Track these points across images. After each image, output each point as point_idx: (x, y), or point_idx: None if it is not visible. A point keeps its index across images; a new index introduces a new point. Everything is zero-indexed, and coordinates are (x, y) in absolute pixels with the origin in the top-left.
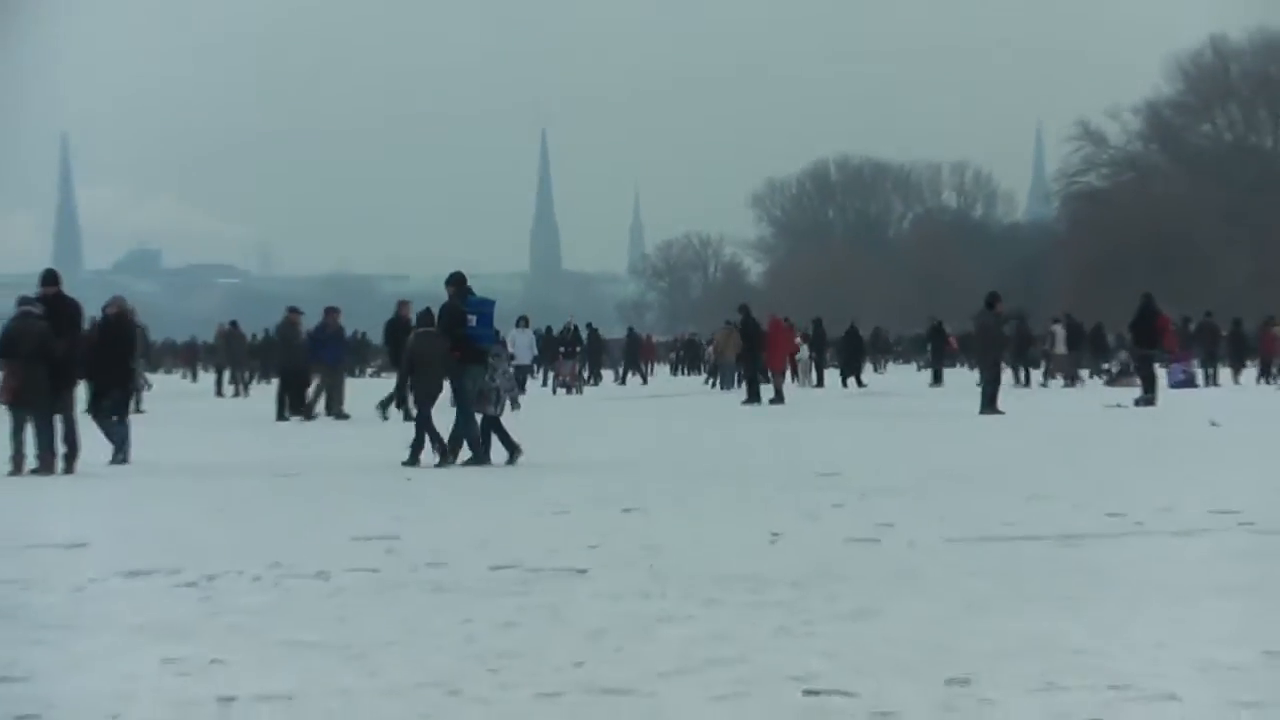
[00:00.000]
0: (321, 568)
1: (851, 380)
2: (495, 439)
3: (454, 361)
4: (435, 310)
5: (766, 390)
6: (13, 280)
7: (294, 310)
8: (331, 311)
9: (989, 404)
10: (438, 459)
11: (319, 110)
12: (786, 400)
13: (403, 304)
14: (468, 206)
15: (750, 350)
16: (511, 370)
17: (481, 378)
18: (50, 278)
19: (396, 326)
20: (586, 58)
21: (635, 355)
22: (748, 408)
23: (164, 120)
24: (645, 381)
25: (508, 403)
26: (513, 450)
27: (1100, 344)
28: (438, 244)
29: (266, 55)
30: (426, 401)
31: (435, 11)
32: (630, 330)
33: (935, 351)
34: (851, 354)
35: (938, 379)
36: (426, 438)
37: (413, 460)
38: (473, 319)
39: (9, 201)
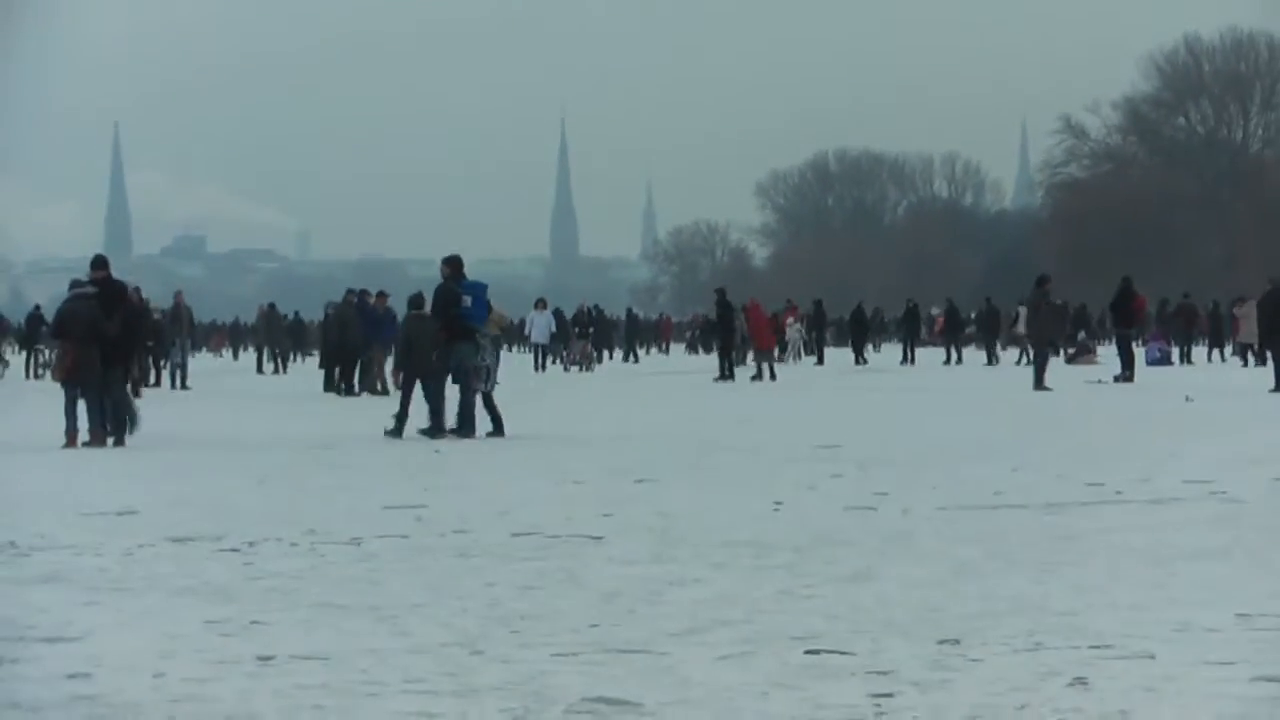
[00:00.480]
0: (354, 534)
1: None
2: (485, 412)
3: (443, 341)
4: (427, 292)
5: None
6: (67, 264)
7: (351, 292)
8: (381, 295)
9: (1039, 380)
10: (392, 426)
11: (353, 105)
12: (778, 377)
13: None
14: (492, 195)
15: (724, 332)
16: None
17: (473, 355)
18: (99, 262)
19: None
20: (603, 55)
21: (634, 336)
22: (721, 384)
23: (209, 113)
24: (637, 360)
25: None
26: (499, 426)
27: (1084, 323)
28: (464, 230)
29: (303, 54)
30: (414, 379)
31: (463, 13)
32: (629, 311)
33: (909, 331)
34: (859, 333)
35: (908, 357)
36: (431, 412)
37: (397, 431)
38: (467, 300)
39: (63, 189)
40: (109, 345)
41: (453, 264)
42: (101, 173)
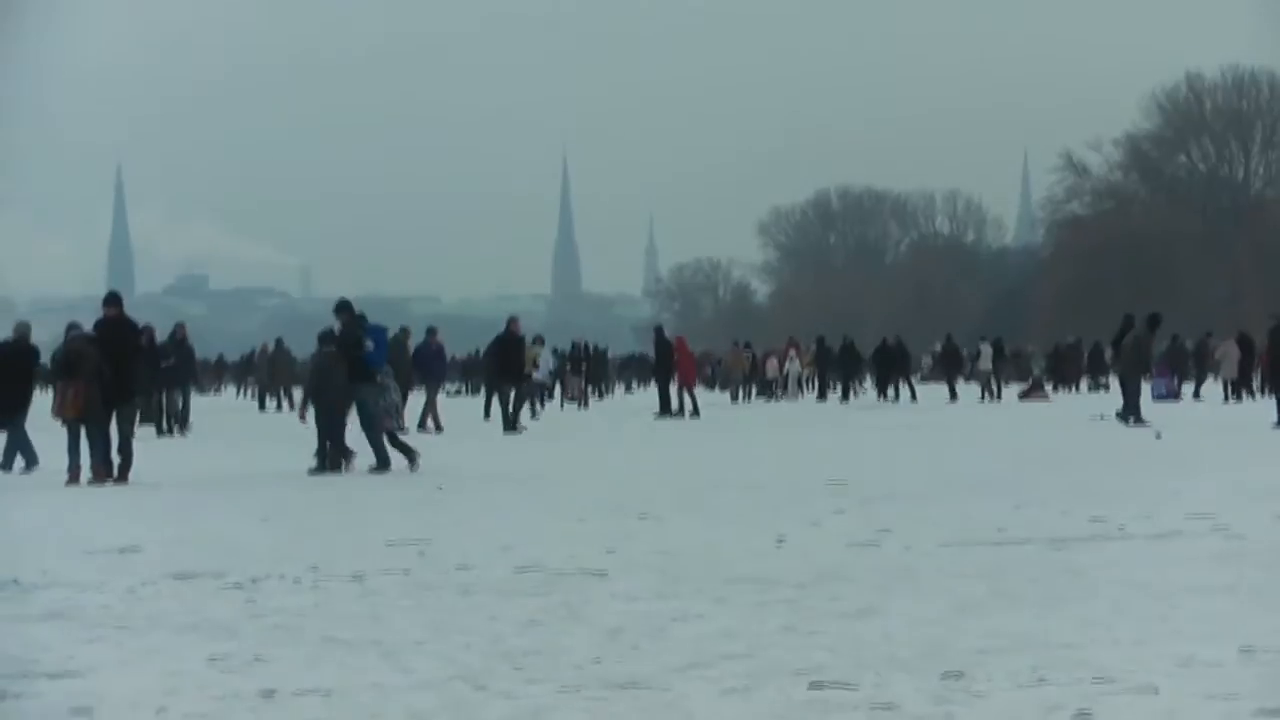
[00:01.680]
0: (357, 570)
1: (890, 389)
2: (393, 449)
3: (347, 381)
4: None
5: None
6: (70, 303)
7: (404, 330)
8: (432, 331)
9: (1135, 414)
10: (315, 464)
11: (354, 144)
12: (702, 414)
13: (513, 321)
14: (494, 232)
15: (662, 368)
16: (397, 390)
17: (377, 396)
18: (112, 299)
19: (508, 343)
20: (605, 94)
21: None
22: (661, 420)
23: (210, 151)
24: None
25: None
26: (411, 456)
27: (1098, 362)
28: (466, 267)
29: (306, 95)
30: (330, 413)
31: (467, 49)
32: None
33: (846, 368)
34: (883, 368)
35: (846, 395)
36: (329, 444)
37: (320, 468)
38: (369, 344)
39: (65, 228)
40: (110, 384)
41: (348, 309)
42: (104, 211)
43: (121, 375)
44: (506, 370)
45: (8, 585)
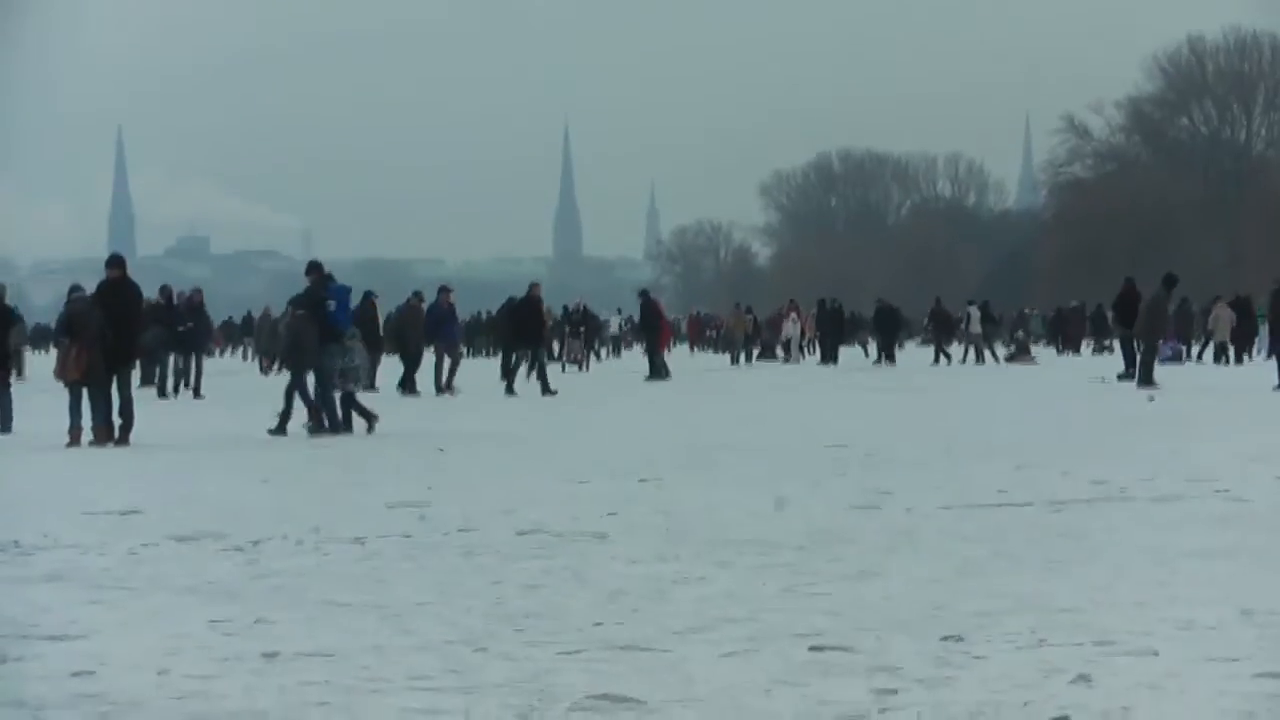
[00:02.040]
0: (358, 533)
1: (885, 355)
2: (354, 412)
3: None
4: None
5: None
6: (70, 266)
7: (417, 295)
8: (444, 291)
9: (1146, 376)
10: (312, 424)
11: (356, 104)
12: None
13: (535, 285)
14: (495, 195)
15: (649, 332)
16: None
17: (340, 357)
18: (115, 261)
19: (529, 307)
20: (606, 55)
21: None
22: (651, 383)
23: (210, 113)
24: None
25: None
26: (370, 419)
27: (1100, 325)
28: (467, 230)
29: (305, 54)
30: (302, 375)
31: (467, 13)
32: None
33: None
34: (886, 331)
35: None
36: (299, 406)
37: (280, 429)
38: (332, 304)
39: (66, 192)
40: (112, 347)
41: (316, 270)
42: (104, 175)
43: (124, 337)
44: (525, 334)
45: (8, 547)
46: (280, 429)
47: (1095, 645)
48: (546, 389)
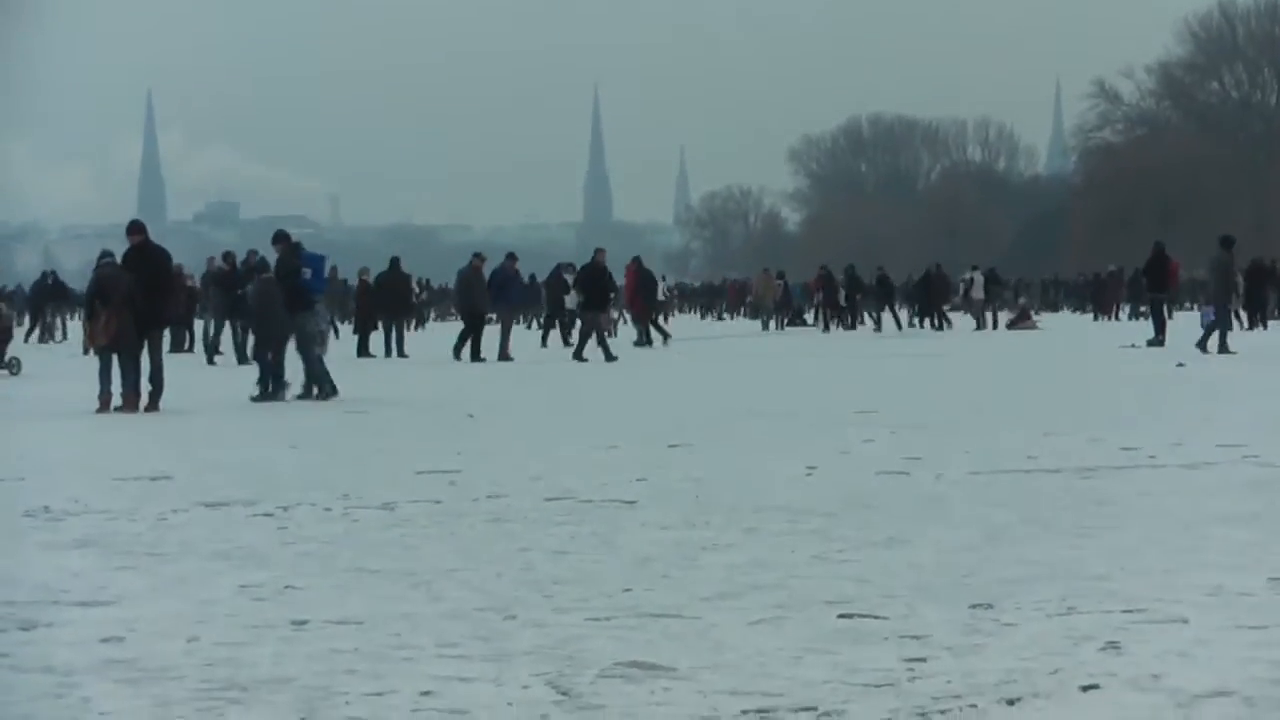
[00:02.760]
0: (388, 499)
1: (926, 321)
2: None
3: (287, 310)
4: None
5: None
6: (99, 231)
7: (478, 256)
8: (511, 258)
9: (1223, 343)
10: (258, 392)
11: (384, 70)
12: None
13: (599, 251)
14: (525, 161)
15: (648, 297)
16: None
17: (313, 322)
18: (136, 227)
19: (595, 273)
20: (636, 20)
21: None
22: (641, 349)
23: (240, 79)
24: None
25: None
26: (327, 389)
27: (1137, 290)
28: (497, 195)
29: (335, 20)
30: (268, 342)
31: None
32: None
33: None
34: (926, 296)
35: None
36: (268, 372)
37: (263, 395)
38: (307, 272)
39: (96, 156)
40: (142, 312)
41: (284, 239)
42: (134, 140)
43: (153, 303)
44: (592, 300)
45: (38, 513)
46: (263, 395)
47: (1125, 612)
48: (609, 355)
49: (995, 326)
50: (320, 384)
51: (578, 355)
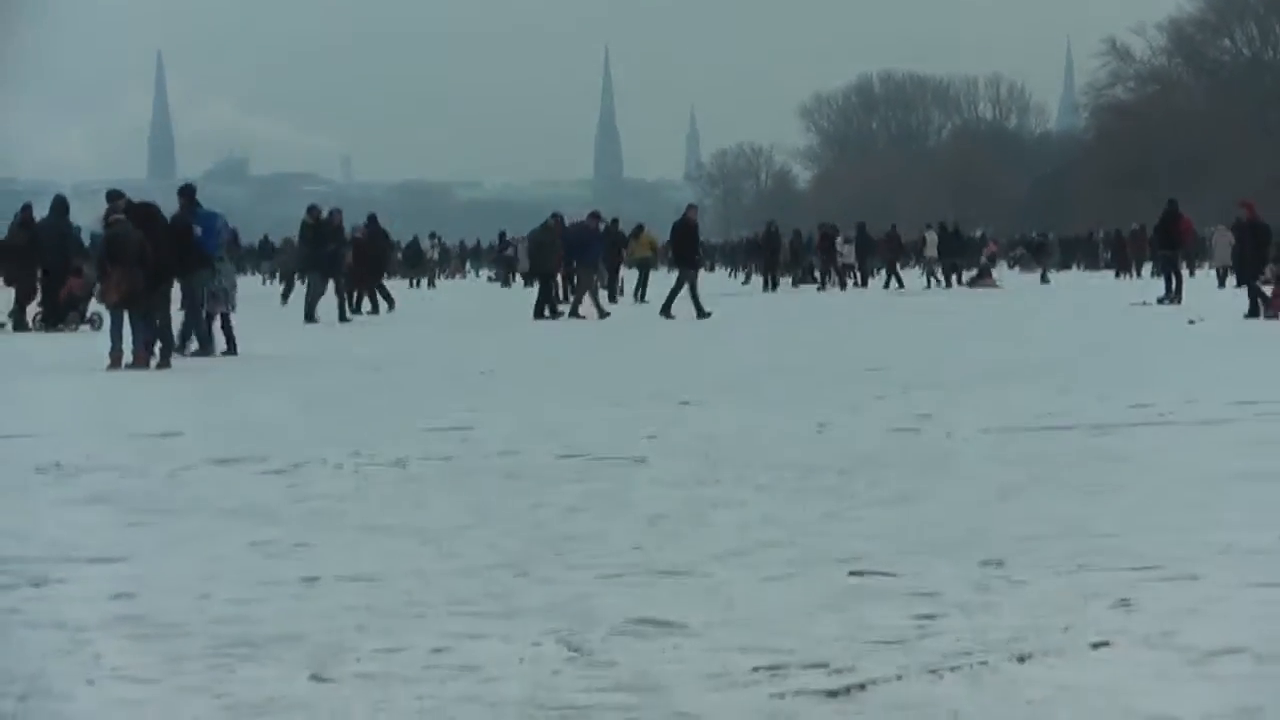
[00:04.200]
0: (399, 456)
1: (954, 278)
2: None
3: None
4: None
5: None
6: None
7: (555, 216)
8: (595, 216)
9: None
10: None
11: (394, 26)
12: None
13: (691, 208)
14: (536, 118)
15: (614, 255)
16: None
17: (210, 281)
18: (115, 196)
19: (686, 230)
20: None
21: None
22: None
23: (251, 39)
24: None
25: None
26: (233, 347)
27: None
28: (507, 152)
29: None
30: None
31: None
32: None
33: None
34: (953, 253)
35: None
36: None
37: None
38: (198, 230)
39: (106, 112)
40: (153, 268)
41: (186, 194)
42: (144, 97)
43: (162, 260)
44: (682, 256)
45: (50, 469)
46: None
47: (1136, 570)
48: (701, 312)
49: (955, 284)
50: (201, 339)
51: (664, 311)
